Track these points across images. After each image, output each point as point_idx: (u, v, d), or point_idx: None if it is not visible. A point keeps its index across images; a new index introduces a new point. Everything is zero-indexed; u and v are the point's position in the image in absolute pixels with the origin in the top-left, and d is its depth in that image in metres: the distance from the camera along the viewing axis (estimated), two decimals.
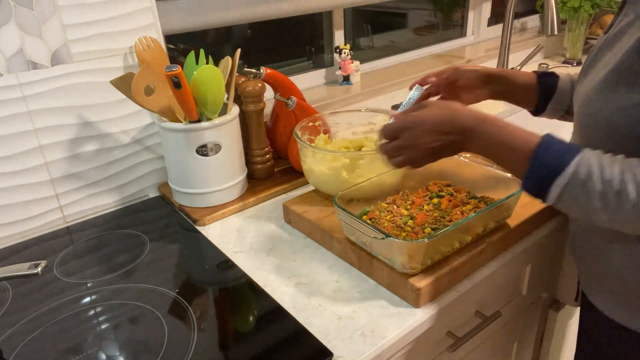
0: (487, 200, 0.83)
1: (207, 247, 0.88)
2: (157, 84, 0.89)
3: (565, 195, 0.57)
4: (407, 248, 0.67)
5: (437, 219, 0.79)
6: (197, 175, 0.95)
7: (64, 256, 0.88)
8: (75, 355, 0.65)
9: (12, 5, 0.82)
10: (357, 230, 0.74)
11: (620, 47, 0.62)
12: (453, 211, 0.80)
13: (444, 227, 0.73)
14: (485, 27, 1.92)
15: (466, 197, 0.85)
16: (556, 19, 1.28)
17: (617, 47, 0.63)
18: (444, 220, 0.79)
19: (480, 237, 0.78)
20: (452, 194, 0.86)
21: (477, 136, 0.63)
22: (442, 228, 0.73)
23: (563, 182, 0.56)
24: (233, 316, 0.72)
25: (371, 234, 0.70)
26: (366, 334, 0.66)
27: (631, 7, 0.64)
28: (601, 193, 0.54)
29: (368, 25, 1.69)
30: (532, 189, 0.60)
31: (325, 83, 1.51)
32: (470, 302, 0.81)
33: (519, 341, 1.03)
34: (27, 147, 0.90)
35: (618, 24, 0.66)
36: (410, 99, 0.94)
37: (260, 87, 1.01)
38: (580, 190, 0.56)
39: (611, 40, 0.66)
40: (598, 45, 0.69)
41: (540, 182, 0.58)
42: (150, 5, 0.96)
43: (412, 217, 0.80)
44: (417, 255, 0.68)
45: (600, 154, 0.57)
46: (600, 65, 0.66)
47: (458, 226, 0.71)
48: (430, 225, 0.77)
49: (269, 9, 1.22)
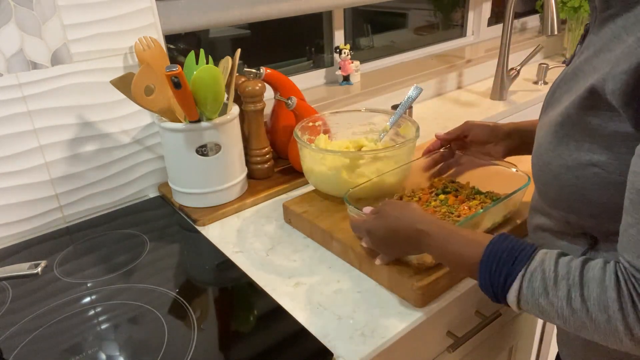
0: (492, 195, 0.85)
1: (207, 247, 0.88)
2: (157, 84, 0.89)
3: (523, 309, 0.54)
4: None
5: (446, 214, 0.81)
6: (197, 175, 0.95)
7: (64, 256, 0.88)
8: (75, 355, 0.65)
9: (12, 5, 0.82)
10: None
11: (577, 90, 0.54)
12: (460, 207, 0.82)
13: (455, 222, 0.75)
14: (485, 27, 1.92)
15: (471, 192, 0.87)
16: (556, 19, 1.28)
17: (574, 87, 0.56)
18: (453, 215, 0.80)
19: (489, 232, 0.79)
20: (457, 189, 0.88)
21: (422, 248, 0.64)
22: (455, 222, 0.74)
23: (513, 300, 0.53)
24: (233, 316, 0.72)
25: None
26: (366, 334, 0.66)
27: (593, 40, 0.56)
28: (558, 311, 0.50)
29: (368, 25, 1.69)
30: (491, 298, 0.57)
31: (325, 83, 1.51)
32: (470, 302, 0.81)
33: (519, 341, 1.03)
34: (27, 147, 0.90)
35: (578, 57, 0.59)
36: (408, 99, 0.94)
37: (260, 87, 1.01)
38: (535, 308, 0.52)
39: (569, 76, 0.58)
40: (558, 80, 0.62)
41: (494, 296, 0.55)
42: (150, 5, 0.96)
43: None
44: None
45: (550, 263, 0.51)
46: (556, 106, 0.58)
47: (470, 220, 0.73)
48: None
49: (269, 9, 1.22)
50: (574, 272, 0.50)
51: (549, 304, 0.50)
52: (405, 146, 0.88)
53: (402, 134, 0.98)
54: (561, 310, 0.50)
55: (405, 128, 0.96)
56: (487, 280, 0.55)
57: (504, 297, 0.54)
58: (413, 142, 0.90)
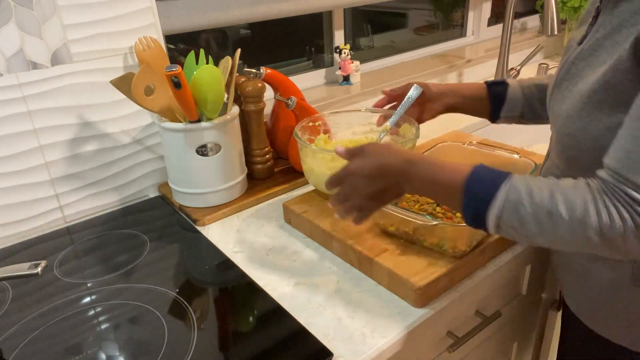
0: None
1: (207, 247, 0.88)
2: (157, 84, 0.89)
3: (502, 224, 0.57)
4: (458, 232, 0.71)
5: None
6: (197, 175, 0.95)
7: (64, 256, 0.88)
8: (75, 355, 0.65)
9: (12, 5, 0.82)
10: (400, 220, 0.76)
11: (600, 62, 0.59)
12: None
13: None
14: (485, 27, 1.92)
15: None
16: (556, 19, 1.28)
17: (595, 61, 0.60)
18: None
19: None
20: None
21: (410, 178, 0.63)
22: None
23: (496, 212, 0.56)
24: (233, 316, 0.72)
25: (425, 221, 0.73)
26: (366, 334, 0.66)
27: (607, 19, 0.61)
28: (534, 218, 0.54)
29: (368, 25, 1.69)
30: (471, 222, 0.60)
31: (325, 83, 1.51)
32: (470, 302, 0.81)
33: (519, 341, 1.03)
34: (27, 147, 0.90)
35: (593, 35, 0.63)
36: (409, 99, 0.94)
37: (260, 87, 1.01)
38: (514, 217, 0.55)
39: (587, 52, 0.63)
40: (572, 56, 0.66)
41: (475, 215, 0.58)
42: (150, 5, 0.96)
43: (438, 204, 0.83)
44: (464, 237, 0.72)
45: (527, 178, 0.57)
46: (578, 80, 0.63)
47: None
48: None
49: (269, 9, 1.22)
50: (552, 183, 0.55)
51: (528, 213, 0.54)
52: (405, 146, 0.88)
53: (402, 133, 0.98)
54: (539, 216, 0.54)
55: (405, 128, 0.96)
56: (469, 198, 0.58)
57: (486, 213, 0.57)
58: (413, 142, 0.90)
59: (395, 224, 0.78)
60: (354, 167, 0.67)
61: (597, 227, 0.52)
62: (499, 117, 0.92)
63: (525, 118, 0.91)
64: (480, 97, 0.91)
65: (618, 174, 0.52)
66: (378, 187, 0.65)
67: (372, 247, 0.77)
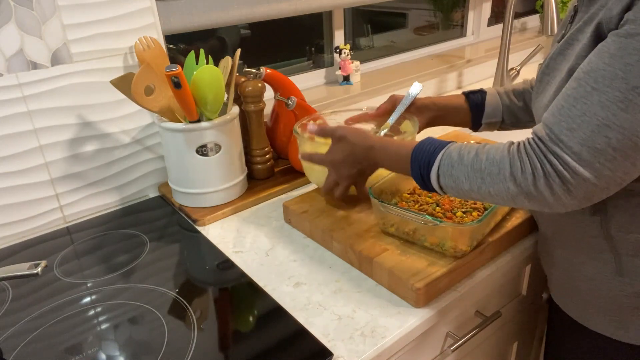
0: None
1: (207, 247, 0.88)
2: (157, 84, 0.89)
3: (442, 184, 0.64)
4: (459, 232, 0.71)
5: (462, 202, 0.82)
6: (197, 175, 0.95)
7: (64, 256, 0.88)
8: (75, 355, 0.65)
9: (12, 5, 0.82)
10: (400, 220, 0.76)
11: (572, 54, 0.62)
12: None
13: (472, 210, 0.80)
14: (485, 27, 1.92)
15: None
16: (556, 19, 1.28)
17: (570, 53, 0.63)
18: (468, 204, 0.82)
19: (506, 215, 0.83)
20: None
21: (375, 160, 0.75)
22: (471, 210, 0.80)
23: (435, 174, 0.64)
24: (233, 316, 0.72)
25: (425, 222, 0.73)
26: (366, 334, 0.66)
27: (582, 16, 0.64)
28: (465, 176, 0.61)
29: (368, 25, 1.69)
30: (421, 185, 0.68)
31: (325, 83, 1.51)
32: (470, 302, 0.81)
33: (519, 341, 1.03)
34: (27, 147, 0.90)
35: (569, 31, 0.66)
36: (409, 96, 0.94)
37: (260, 87, 1.01)
38: (449, 178, 0.63)
39: (563, 47, 0.66)
40: (552, 53, 0.69)
41: (421, 179, 0.66)
42: (150, 5, 0.96)
43: (437, 204, 0.83)
44: (466, 237, 0.72)
45: (462, 144, 0.64)
46: (556, 73, 0.66)
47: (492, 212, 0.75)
48: (459, 210, 0.80)
49: (269, 9, 1.22)
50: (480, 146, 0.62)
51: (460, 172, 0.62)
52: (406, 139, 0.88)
53: (402, 130, 0.98)
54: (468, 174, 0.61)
55: (405, 125, 0.96)
56: (416, 166, 0.67)
57: (428, 177, 0.65)
58: (412, 135, 0.90)
59: (395, 224, 0.78)
60: (329, 159, 0.82)
61: (511, 177, 0.57)
62: (480, 124, 0.94)
63: (506, 123, 0.93)
64: (461, 107, 0.93)
65: (546, 125, 0.57)
66: (358, 168, 0.79)
67: (372, 247, 0.77)
